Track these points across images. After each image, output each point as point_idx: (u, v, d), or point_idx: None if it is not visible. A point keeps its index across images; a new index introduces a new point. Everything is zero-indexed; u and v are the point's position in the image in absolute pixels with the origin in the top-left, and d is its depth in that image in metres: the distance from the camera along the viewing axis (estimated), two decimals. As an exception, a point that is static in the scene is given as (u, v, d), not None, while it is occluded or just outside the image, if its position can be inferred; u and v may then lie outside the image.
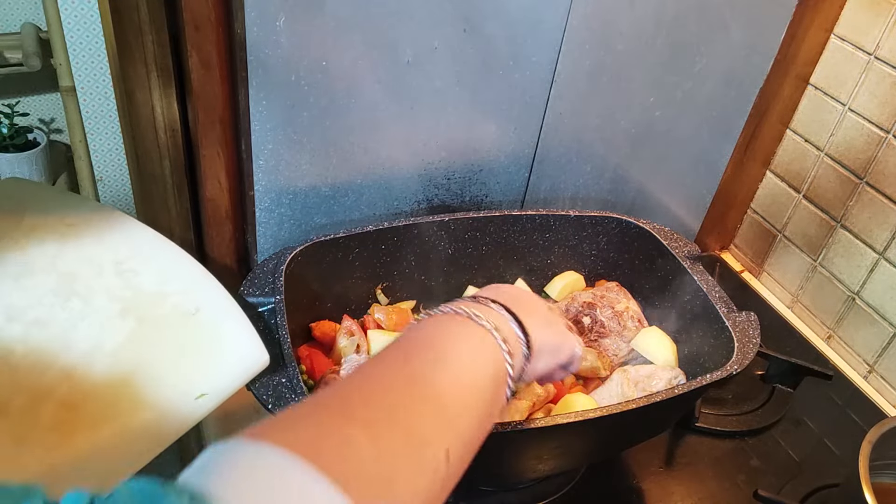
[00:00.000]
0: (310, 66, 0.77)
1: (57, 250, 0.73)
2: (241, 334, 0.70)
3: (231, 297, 0.73)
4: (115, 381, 0.63)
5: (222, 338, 0.69)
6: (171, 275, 0.74)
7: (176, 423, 0.62)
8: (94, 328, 0.66)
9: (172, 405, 0.62)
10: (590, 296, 0.93)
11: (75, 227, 0.77)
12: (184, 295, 0.72)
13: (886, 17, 0.98)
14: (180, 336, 0.68)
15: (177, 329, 0.69)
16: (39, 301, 0.67)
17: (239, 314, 0.71)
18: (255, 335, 0.70)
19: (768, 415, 0.98)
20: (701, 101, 1.03)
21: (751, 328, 0.79)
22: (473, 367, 0.49)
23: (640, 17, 0.90)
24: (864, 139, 1.03)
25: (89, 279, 0.71)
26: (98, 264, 0.73)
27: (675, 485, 0.88)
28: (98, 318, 0.67)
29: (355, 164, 0.88)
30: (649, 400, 0.71)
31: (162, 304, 0.70)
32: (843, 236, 1.09)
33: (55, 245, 0.74)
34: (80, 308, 0.68)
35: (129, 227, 0.78)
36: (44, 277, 0.70)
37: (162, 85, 0.80)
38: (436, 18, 0.80)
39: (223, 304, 0.72)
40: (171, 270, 0.75)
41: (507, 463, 0.77)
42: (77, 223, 0.77)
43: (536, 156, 0.98)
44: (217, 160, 0.84)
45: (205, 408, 0.63)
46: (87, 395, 0.61)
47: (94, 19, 1.26)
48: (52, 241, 0.74)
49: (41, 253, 0.73)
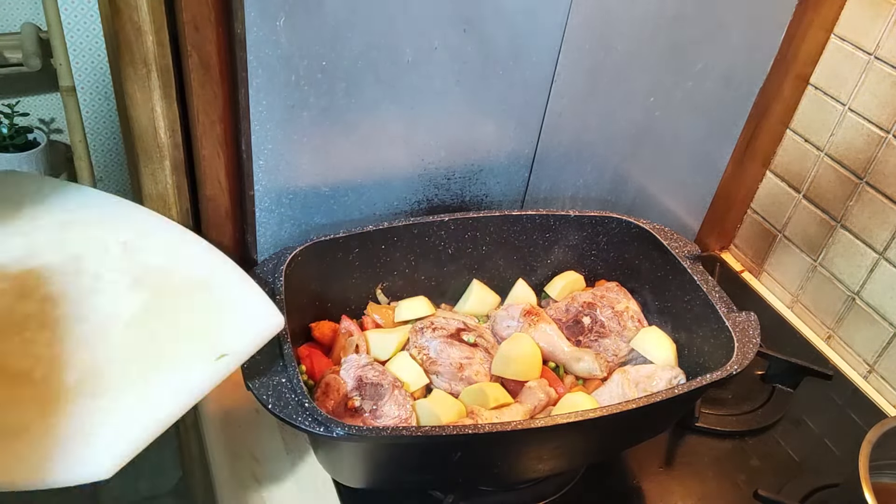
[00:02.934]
0: (310, 66, 0.77)
1: (60, 234, 0.74)
2: (254, 298, 0.71)
3: (238, 266, 0.74)
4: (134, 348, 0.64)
5: (235, 302, 0.71)
6: (176, 249, 0.75)
7: (199, 382, 0.63)
8: (107, 300, 0.68)
9: (194, 366, 0.64)
10: (590, 296, 0.93)
11: (74, 212, 0.77)
12: (191, 267, 0.73)
13: (886, 17, 0.98)
14: (194, 303, 0.70)
15: (190, 297, 0.70)
16: (49, 280, 0.68)
17: (248, 281, 0.73)
18: (267, 299, 0.71)
19: (768, 415, 0.98)
20: (701, 101, 1.03)
21: (751, 328, 0.79)
22: None
23: (640, 17, 0.90)
24: (864, 139, 1.03)
25: (96, 258, 0.72)
26: (103, 244, 0.74)
27: (675, 485, 0.88)
28: (110, 291, 0.69)
29: (355, 164, 0.88)
30: (649, 400, 0.71)
31: (171, 276, 0.72)
32: (843, 236, 1.09)
33: (57, 229, 0.74)
34: (91, 284, 0.69)
35: (128, 210, 0.79)
36: (50, 257, 0.71)
37: (162, 85, 0.80)
38: (436, 18, 0.80)
39: (232, 273, 0.74)
40: (176, 245, 0.76)
41: (507, 463, 0.77)
42: (76, 209, 0.78)
43: (536, 156, 0.98)
44: (217, 160, 0.84)
45: (227, 368, 0.65)
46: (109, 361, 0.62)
47: (94, 19, 1.26)
48: (54, 226, 0.75)
49: (45, 238, 0.73)
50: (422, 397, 0.81)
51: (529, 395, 0.82)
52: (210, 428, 0.86)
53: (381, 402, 0.76)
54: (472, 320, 0.91)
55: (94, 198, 0.80)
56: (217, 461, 0.82)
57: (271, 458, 0.83)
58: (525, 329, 0.88)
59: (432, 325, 0.86)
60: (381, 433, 0.67)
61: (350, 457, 0.73)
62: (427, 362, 0.83)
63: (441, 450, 0.70)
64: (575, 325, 0.91)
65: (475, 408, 0.78)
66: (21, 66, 1.27)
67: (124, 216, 0.78)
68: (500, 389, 0.82)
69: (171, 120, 0.83)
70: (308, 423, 0.64)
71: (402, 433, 0.68)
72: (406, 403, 0.77)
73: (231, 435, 0.85)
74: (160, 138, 0.84)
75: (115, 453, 0.56)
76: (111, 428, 0.58)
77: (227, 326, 0.68)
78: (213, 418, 0.86)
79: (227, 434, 0.85)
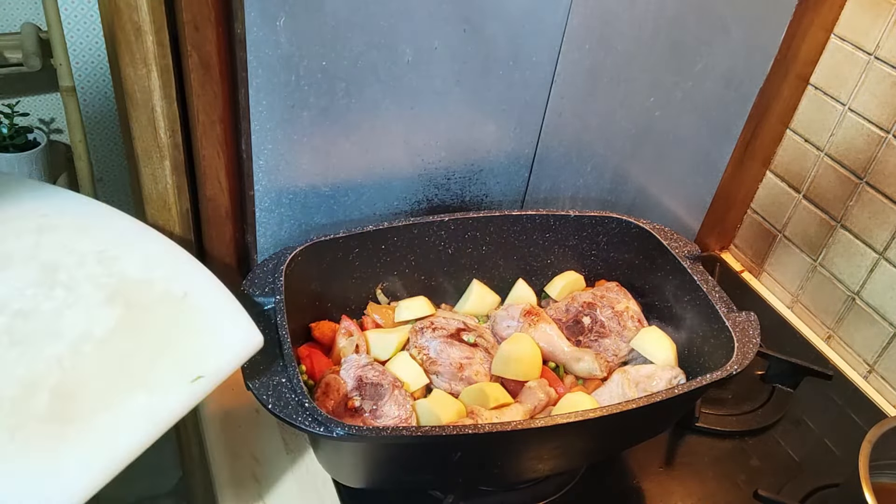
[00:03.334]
0: (310, 66, 0.77)
1: (35, 241, 0.71)
2: (233, 316, 0.69)
3: (219, 280, 0.72)
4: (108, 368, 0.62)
5: (214, 320, 0.68)
6: (155, 261, 0.72)
7: (174, 406, 0.61)
8: (81, 316, 0.65)
9: (169, 388, 0.62)
10: (590, 296, 0.93)
11: (50, 217, 0.75)
12: (170, 280, 0.71)
13: (886, 18, 0.98)
14: (171, 320, 0.67)
15: (166, 313, 0.68)
16: (21, 293, 0.66)
17: (229, 297, 0.70)
18: (247, 317, 0.69)
19: (768, 415, 0.98)
20: (701, 101, 1.03)
21: (751, 328, 0.79)
22: None
23: (640, 17, 0.90)
24: (864, 139, 1.03)
25: (71, 268, 0.69)
26: (79, 253, 0.71)
27: (675, 485, 0.88)
28: (84, 305, 0.66)
29: (355, 164, 0.88)
30: (649, 400, 0.71)
31: (149, 290, 0.69)
32: (843, 236, 1.09)
33: (32, 236, 0.72)
34: (65, 297, 0.67)
35: (106, 216, 0.77)
36: (23, 269, 0.68)
37: (162, 85, 0.80)
38: (436, 18, 0.80)
39: (212, 288, 0.71)
40: (155, 257, 0.73)
41: (508, 463, 0.77)
42: (51, 213, 0.75)
43: (536, 156, 0.98)
44: (217, 160, 0.84)
45: (202, 390, 0.62)
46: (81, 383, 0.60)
47: (94, 19, 1.26)
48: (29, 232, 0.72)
49: (19, 245, 0.71)
50: (422, 397, 0.81)
51: (529, 395, 0.82)
52: (210, 428, 0.86)
53: (381, 402, 0.76)
54: (472, 320, 0.91)
55: (74, 202, 0.78)
56: (217, 461, 0.82)
57: (271, 458, 0.83)
58: (525, 329, 0.88)
59: (432, 325, 0.86)
60: (381, 433, 0.67)
61: (350, 457, 0.73)
62: (427, 362, 0.83)
63: (441, 450, 0.70)
64: (575, 325, 0.91)
65: (475, 408, 0.78)
66: (21, 66, 1.26)
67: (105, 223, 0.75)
68: (500, 389, 0.82)
69: (171, 120, 0.83)
70: (308, 423, 0.64)
71: (402, 433, 0.68)
72: (406, 403, 0.77)
73: (231, 435, 0.85)
74: (160, 138, 0.84)
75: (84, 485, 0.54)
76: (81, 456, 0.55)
77: (204, 346, 0.66)
78: (213, 418, 0.86)
79: (227, 434, 0.85)
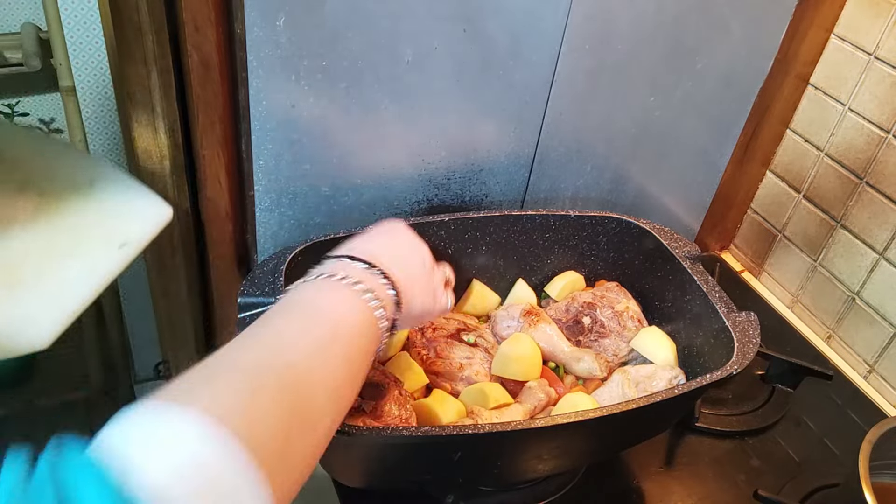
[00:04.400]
0: (310, 66, 0.77)
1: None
2: (141, 194, 0.77)
3: (120, 168, 0.79)
4: (40, 245, 0.69)
5: (124, 199, 0.76)
6: (54, 160, 0.79)
7: (107, 267, 0.69)
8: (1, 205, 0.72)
9: (99, 255, 0.69)
10: (590, 296, 0.93)
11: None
12: (74, 172, 0.78)
13: (886, 17, 0.98)
14: (83, 203, 0.74)
15: (79, 197, 0.75)
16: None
17: (132, 180, 0.78)
18: (154, 193, 0.77)
19: (768, 415, 0.98)
20: (701, 101, 1.03)
21: (751, 328, 0.79)
22: (351, 333, 0.56)
23: (640, 17, 0.90)
24: (864, 139, 1.03)
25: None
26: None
27: (675, 485, 0.88)
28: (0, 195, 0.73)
29: (355, 164, 0.88)
30: (649, 400, 0.71)
31: (55, 180, 0.76)
32: (843, 236, 1.09)
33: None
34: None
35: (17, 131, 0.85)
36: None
37: (162, 85, 0.80)
38: (436, 18, 0.80)
39: (115, 175, 0.78)
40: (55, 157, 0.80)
41: (507, 463, 0.77)
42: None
43: (536, 156, 0.98)
44: (217, 160, 0.84)
45: (129, 255, 0.71)
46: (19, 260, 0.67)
47: (94, 19, 1.26)
48: None
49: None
50: (422, 397, 0.81)
51: (529, 395, 0.82)
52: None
53: (381, 402, 0.76)
54: (472, 320, 0.91)
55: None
56: (217, 461, 0.82)
57: (271, 458, 0.83)
58: (525, 329, 0.88)
59: (432, 325, 0.86)
60: (381, 433, 0.67)
61: (350, 457, 0.73)
62: (427, 362, 0.83)
63: (441, 450, 0.70)
64: (575, 325, 0.91)
65: (475, 408, 0.78)
66: (21, 66, 1.26)
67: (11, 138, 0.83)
68: (500, 389, 0.82)
69: (171, 120, 0.83)
70: (308, 423, 0.64)
71: (402, 433, 0.68)
72: (406, 403, 0.77)
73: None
74: (160, 138, 0.84)
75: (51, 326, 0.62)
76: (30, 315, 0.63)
77: (121, 218, 0.73)
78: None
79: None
